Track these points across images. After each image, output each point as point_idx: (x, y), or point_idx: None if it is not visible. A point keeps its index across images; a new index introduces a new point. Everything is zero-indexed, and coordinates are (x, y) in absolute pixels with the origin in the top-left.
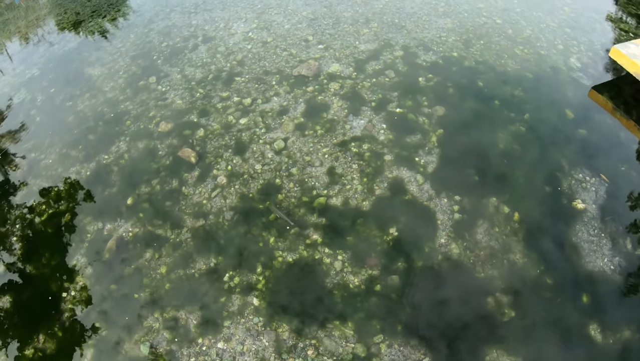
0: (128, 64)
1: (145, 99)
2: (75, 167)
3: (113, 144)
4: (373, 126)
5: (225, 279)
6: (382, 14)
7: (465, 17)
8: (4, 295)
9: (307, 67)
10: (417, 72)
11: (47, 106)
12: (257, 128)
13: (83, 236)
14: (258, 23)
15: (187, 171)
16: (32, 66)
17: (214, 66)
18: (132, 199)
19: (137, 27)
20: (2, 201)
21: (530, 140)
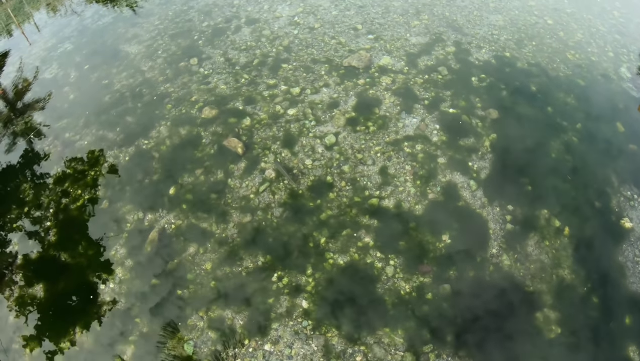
0: (167, 43)
1: (187, 82)
2: (113, 150)
3: (153, 128)
4: (426, 126)
5: (273, 279)
6: (432, 6)
7: (517, 15)
8: (37, 284)
9: (358, 58)
10: (470, 70)
11: (82, 83)
12: (306, 120)
13: (122, 225)
14: (304, 7)
15: (233, 162)
16: (64, 39)
17: (259, 51)
18: (174, 189)
19: (175, 3)
20: (36, 183)
21: (582, 151)
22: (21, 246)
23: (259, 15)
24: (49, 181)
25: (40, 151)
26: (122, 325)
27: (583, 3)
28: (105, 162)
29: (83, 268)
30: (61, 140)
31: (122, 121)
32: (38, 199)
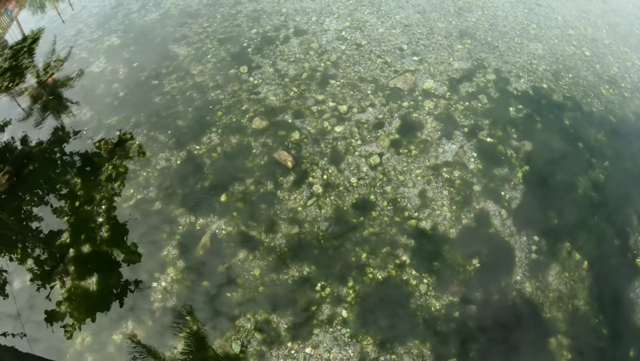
0: (216, 48)
1: (237, 90)
2: (165, 153)
3: (204, 134)
4: (464, 153)
5: (317, 288)
6: (475, 30)
7: (555, 45)
8: (89, 277)
9: (404, 80)
10: (508, 100)
11: (131, 81)
12: (352, 139)
13: (174, 228)
14: (351, 22)
15: (282, 175)
16: (110, 33)
17: (307, 64)
18: (225, 196)
19: (224, 6)
20: (88, 178)
21: (607, 189)
22: (73, 239)
23: (307, 26)
24: (101, 177)
25: (91, 147)
26: (172, 322)
27: (620, 34)
28: (157, 165)
29: (135, 265)
30: (112, 137)
31: (173, 124)
32: (90, 195)
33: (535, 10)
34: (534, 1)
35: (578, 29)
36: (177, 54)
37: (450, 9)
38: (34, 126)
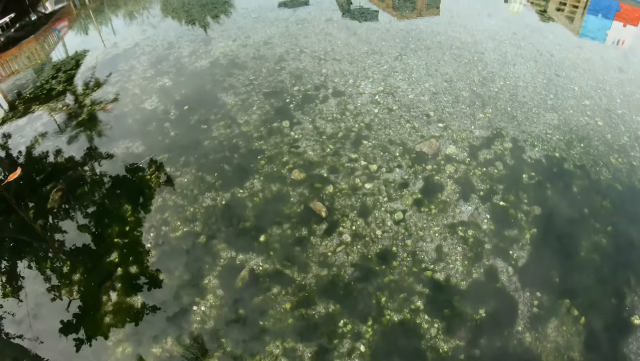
0: (262, 101)
1: (279, 143)
2: (211, 193)
3: (247, 180)
4: (479, 214)
5: (340, 324)
6: (497, 99)
7: (570, 115)
8: (135, 295)
9: (429, 145)
10: (522, 168)
11: (181, 122)
12: (380, 196)
13: (217, 260)
14: (384, 87)
15: (316, 223)
16: (162, 73)
17: (343, 124)
18: (264, 237)
19: (269, 61)
20: (138, 206)
21: (608, 252)
22: (121, 260)
23: (345, 88)
24: (150, 207)
25: (143, 179)
26: (208, 342)
27: (634, 104)
28: (203, 202)
29: (178, 289)
30: (162, 172)
31: (220, 168)
32: (139, 222)
33: (554, 80)
34: (553, 72)
35: (593, 99)
36: (225, 103)
37: (475, 79)
38: (88, 151)
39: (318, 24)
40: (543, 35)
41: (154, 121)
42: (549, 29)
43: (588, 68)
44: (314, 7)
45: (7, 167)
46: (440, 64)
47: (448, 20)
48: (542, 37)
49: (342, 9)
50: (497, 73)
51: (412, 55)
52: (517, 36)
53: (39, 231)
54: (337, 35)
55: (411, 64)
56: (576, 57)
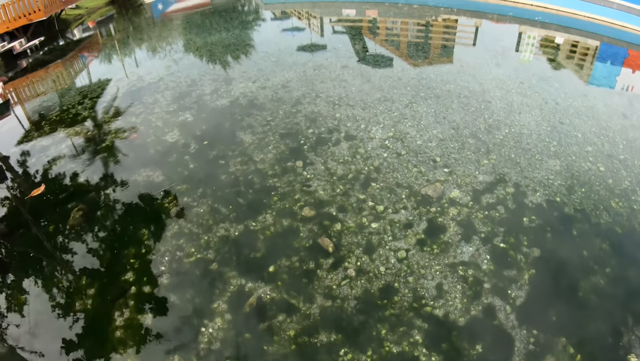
0: (277, 141)
1: (292, 181)
2: (225, 224)
3: (260, 214)
4: (479, 255)
5: (340, 353)
6: (501, 146)
7: (573, 161)
8: (147, 313)
9: (433, 189)
10: (523, 212)
11: (200, 156)
12: (385, 235)
13: (226, 286)
14: (394, 132)
15: (323, 258)
16: (185, 109)
17: (353, 166)
18: (273, 268)
19: (286, 104)
20: (155, 231)
21: (606, 293)
22: (136, 279)
23: (356, 133)
24: (166, 233)
25: (161, 206)
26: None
27: (637, 149)
28: (217, 232)
29: (188, 311)
30: (181, 202)
31: (235, 201)
32: (155, 245)
33: (558, 128)
34: (557, 120)
35: (596, 145)
36: (243, 140)
37: (481, 127)
38: (110, 176)
39: (334, 70)
40: (549, 84)
41: (175, 153)
42: (555, 78)
43: (592, 115)
44: (330, 53)
45: (30, 183)
46: (448, 112)
47: (458, 69)
48: (548, 85)
49: (358, 56)
50: (502, 121)
51: (422, 103)
52: (524, 85)
53: (58, 246)
54: (352, 81)
55: (420, 112)
56: (581, 104)
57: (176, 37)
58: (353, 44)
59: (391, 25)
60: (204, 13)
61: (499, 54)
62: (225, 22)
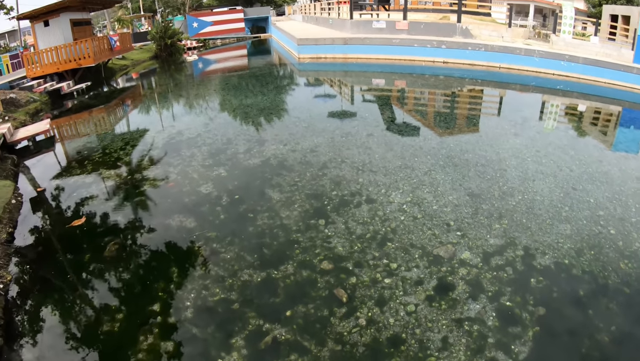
0: (303, 200)
1: (313, 237)
2: (249, 270)
3: (282, 264)
4: (485, 312)
5: None
6: (514, 212)
7: (583, 225)
8: (169, 341)
9: (445, 250)
10: (531, 273)
11: (231, 208)
12: (396, 290)
13: (245, 325)
14: (412, 198)
15: (337, 307)
16: (219, 164)
17: (372, 227)
18: (290, 312)
19: (313, 167)
20: (184, 271)
21: (610, 351)
22: (162, 310)
23: (377, 197)
24: (194, 273)
25: (192, 250)
26: None
27: None
28: (241, 277)
29: (208, 344)
30: (209, 246)
31: (260, 251)
32: (183, 283)
33: (571, 194)
34: (570, 186)
35: (608, 210)
36: (271, 197)
37: (495, 193)
38: (146, 216)
39: (360, 138)
40: (564, 152)
41: (207, 203)
42: (571, 145)
43: (605, 180)
44: (358, 121)
45: (70, 214)
46: (464, 180)
47: (477, 139)
48: (563, 153)
49: (385, 123)
50: (516, 188)
51: (440, 171)
52: (540, 153)
53: (92, 272)
54: (376, 149)
55: (438, 179)
56: (595, 170)
57: (214, 96)
58: (381, 113)
59: (419, 95)
60: (241, 75)
61: (517, 123)
62: (261, 85)
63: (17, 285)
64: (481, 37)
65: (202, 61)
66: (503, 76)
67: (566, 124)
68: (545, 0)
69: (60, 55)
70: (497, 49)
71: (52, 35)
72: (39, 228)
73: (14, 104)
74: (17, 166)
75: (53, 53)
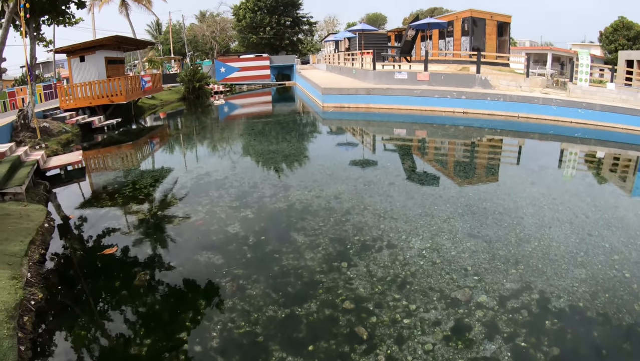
0: (326, 244)
1: (336, 278)
2: (274, 306)
3: (306, 302)
4: (500, 352)
5: None
6: (530, 258)
7: (598, 270)
8: None
9: (462, 293)
10: (546, 315)
11: (257, 248)
12: (415, 330)
13: (269, 357)
14: (431, 244)
15: (357, 344)
16: (246, 207)
17: (392, 271)
18: (312, 347)
19: (336, 213)
20: (212, 304)
21: None
22: (190, 339)
23: (397, 242)
24: (222, 306)
25: (220, 284)
26: None
27: None
28: (266, 312)
29: None
30: (235, 282)
31: (284, 289)
32: (211, 315)
33: (586, 239)
34: (586, 232)
35: (623, 254)
36: (296, 240)
37: (512, 240)
38: (175, 251)
39: (382, 186)
40: (581, 199)
41: (235, 242)
42: (588, 193)
43: (621, 226)
44: (380, 170)
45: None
46: (482, 227)
47: (495, 188)
48: (579, 200)
49: (406, 172)
50: (533, 235)
51: (459, 218)
52: (556, 201)
53: (121, 298)
54: (397, 197)
55: (457, 226)
56: (611, 216)
57: (239, 140)
58: (402, 162)
59: (439, 145)
60: (266, 122)
61: (535, 172)
62: (286, 132)
63: (48, 304)
64: (500, 87)
65: (228, 105)
66: (522, 125)
67: (583, 171)
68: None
69: (94, 91)
70: (515, 99)
71: (87, 71)
72: (70, 252)
73: (47, 133)
74: (49, 192)
75: (87, 88)
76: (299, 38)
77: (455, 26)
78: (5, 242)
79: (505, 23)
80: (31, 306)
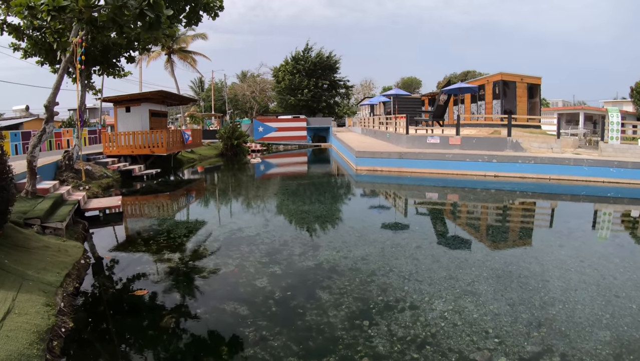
0: (350, 303)
1: (357, 335)
2: (294, 358)
3: (325, 356)
4: None
5: None
6: (553, 321)
7: (624, 331)
8: None
9: (482, 355)
10: None
11: (282, 303)
12: None
13: None
14: (454, 306)
15: None
16: (275, 263)
17: (413, 331)
18: None
19: (362, 273)
20: (234, 349)
21: None
22: None
23: (420, 304)
24: (244, 354)
25: (243, 333)
26: None
27: None
28: None
29: None
30: (259, 333)
31: (306, 343)
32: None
33: (613, 301)
34: (613, 294)
35: None
36: (321, 297)
37: (535, 303)
38: (203, 298)
39: (409, 249)
40: (609, 260)
41: (261, 295)
42: (616, 254)
43: None
44: (408, 233)
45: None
46: (506, 290)
47: (521, 252)
48: (607, 262)
49: (434, 236)
50: (558, 298)
51: (483, 282)
52: (584, 263)
53: (147, 337)
54: (423, 261)
55: (481, 289)
56: (639, 277)
57: (273, 199)
58: (432, 225)
59: (471, 209)
60: (300, 182)
61: (563, 234)
62: (319, 193)
63: (77, 334)
64: (531, 149)
65: (264, 164)
66: (553, 187)
67: (614, 232)
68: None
69: (136, 140)
70: (546, 161)
71: (131, 121)
72: (102, 289)
73: (89, 175)
74: (87, 232)
75: (130, 137)
76: (335, 101)
77: (487, 90)
78: (43, 271)
79: (535, 85)
80: (61, 333)
